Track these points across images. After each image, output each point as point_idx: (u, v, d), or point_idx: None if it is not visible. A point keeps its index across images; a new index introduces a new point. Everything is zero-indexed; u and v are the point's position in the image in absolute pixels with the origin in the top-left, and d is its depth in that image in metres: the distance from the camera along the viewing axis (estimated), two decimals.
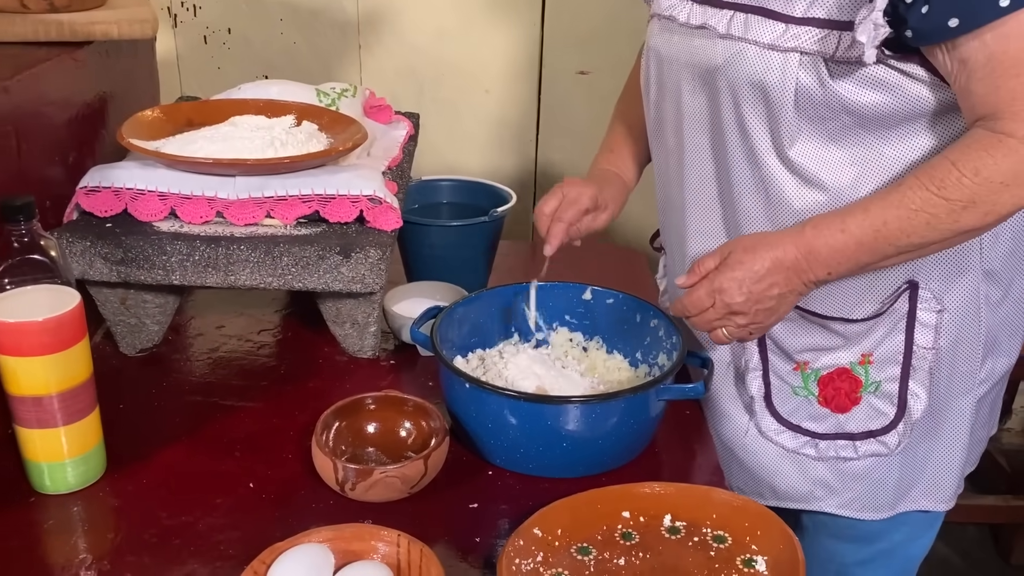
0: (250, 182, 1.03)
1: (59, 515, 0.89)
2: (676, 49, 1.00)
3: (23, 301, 0.86)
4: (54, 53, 1.09)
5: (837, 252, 0.88)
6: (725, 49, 0.93)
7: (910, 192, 0.85)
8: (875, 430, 1.03)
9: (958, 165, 0.83)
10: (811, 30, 0.87)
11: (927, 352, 0.99)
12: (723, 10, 0.95)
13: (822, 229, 0.89)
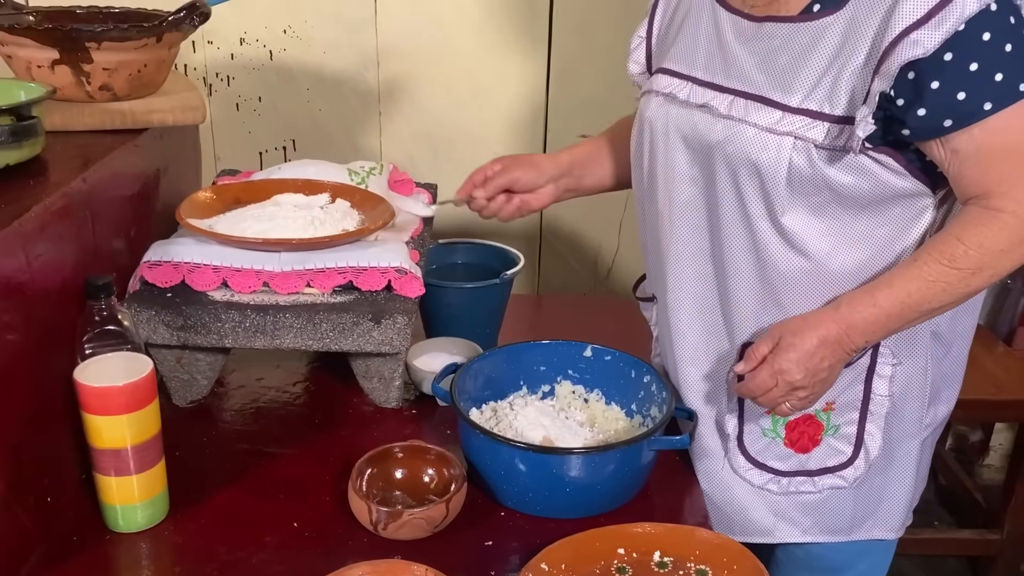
0: (293, 256, 1.18)
1: (131, 552, 1.02)
2: (675, 122, 1.12)
3: (104, 367, 1.00)
4: (119, 141, 1.23)
5: (871, 323, 1.01)
6: (725, 128, 1.06)
7: (926, 267, 0.99)
8: (832, 467, 1.15)
9: (963, 240, 0.97)
10: (804, 119, 1.00)
11: (883, 399, 1.12)
12: (724, 94, 1.07)
13: (855, 305, 1.01)
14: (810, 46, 1.01)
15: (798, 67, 1.01)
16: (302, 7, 1.85)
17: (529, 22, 1.88)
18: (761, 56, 1.04)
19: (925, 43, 0.92)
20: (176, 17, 1.30)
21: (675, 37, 1.17)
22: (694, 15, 1.14)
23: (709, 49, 1.10)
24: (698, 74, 1.11)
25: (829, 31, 0.99)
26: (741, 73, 1.06)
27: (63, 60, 1.25)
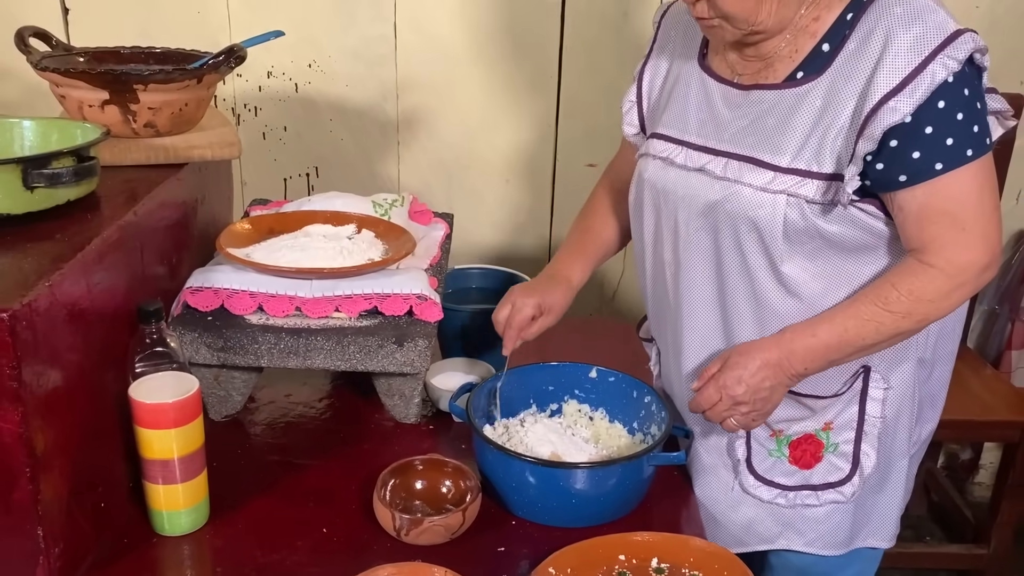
0: (323, 284, 1.28)
1: (176, 554, 1.12)
2: (673, 184, 1.20)
3: (154, 385, 1.10)
4: (163, 175, 1.33)
5: (811, 352, 1.12)
6: (723, 188, 1.14)
7: (863, 307, 1.10)
8: (833, 482, 1.24)
9: (897, 287, 1.08)
10: (795, 178, 1.09)
11: (876, 420, 1.22)
12: (718, 157, 1.16)
13: (798, 335, 1.12)
14: (794, 109, 1.10)
15: (785, 129, 1.10)
16: (326, 43, 1.97)
17: (540, 61, 1.99)
18: (750, 120, 1.14)
19: (901, 110, 1.02)
20: (216, 60, 1.41)
21: (666, 103, 1.26)
22: (683, 84, 1.23)
23: (700, 116, 1.20)
24: (692, 139, 1.20)
25: (811, 95, 1.09)
26: (732, 136, 1.15)
27: (112, 100, 1.35)
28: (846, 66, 1.07)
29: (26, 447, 0.94)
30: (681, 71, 1.25)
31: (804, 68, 1.11)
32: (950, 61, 1.01)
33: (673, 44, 1.28)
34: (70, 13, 1.97)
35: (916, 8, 1.04)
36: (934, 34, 1.02)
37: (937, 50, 1.01)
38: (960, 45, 1.01)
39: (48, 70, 1.36)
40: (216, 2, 1.94)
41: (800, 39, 1.11)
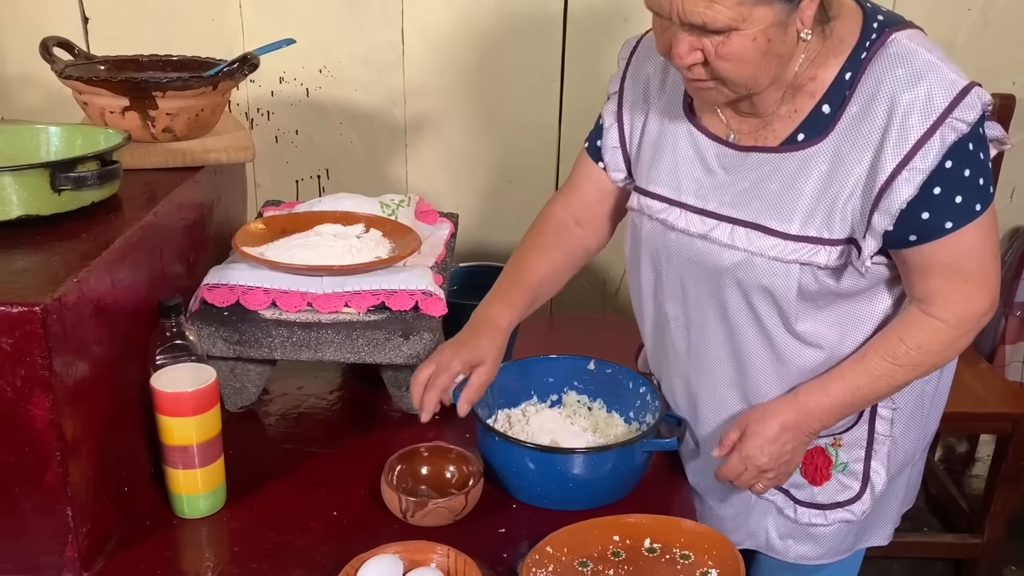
0: (333, 280, 1.35)
1: (195, 535, 1.18)
2: (676, 248, 1.18)
3: (175, 376, 1.16)
4: (180, 178, 1.39)
5: (826, 411, 1.14)
6: (732, 256, 1.12)
7: (872, 363, 1.11)
8: (842, 501, 1.25)
9: (905, 341, 1.10)
10: (807, 245, 1.09)
11: (885, 439, 1.23)
12: (723, 223, 1.13)
13: (812, 395, 1.14)
14: (799, 174, 1.08)
15: (791, 194, 1.09)
16: (336, 50, 2.03)
17: (543, 65, 2.04)
18: (751, 183, 1.11)
19: (915, 180, 1.01)
20: (231, 68, 1.47)
21: (653, 157, 1.21)
22: (670, 137, 1.19)
23: (694, 174, 1.16)
24: (689, 200, 1.16)
25: (816, 160, 1.07)
26: (734, 200, 1.12)
27: (132, 107, 1.42)
28: (851, 131, 1.05)
29: (56, 432, 1.01)
30: (665, 122, 1.20)
31: (805, 130, 1.08)
32: (960, 124, 1.00)
33: (649, 87, 1.23)
34: (90, 22, 2.04)
35: (918, 68, 1.01)
36: (941, 96, 1.00)
37: (946, 112, 0.99)
38: (969, 107, 1.00)
39: (72, 78, 1.43)
40: (230, 10, 2.01)
41: (799, 99, 1.09)
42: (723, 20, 0.97)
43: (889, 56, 1.03)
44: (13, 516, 1.04)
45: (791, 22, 1.01)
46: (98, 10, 2.03)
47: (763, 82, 1.05)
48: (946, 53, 1.06)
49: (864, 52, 1.05)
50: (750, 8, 0.97)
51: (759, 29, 0.99)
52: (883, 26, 1.06)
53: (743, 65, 1.02)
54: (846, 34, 1.06)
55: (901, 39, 1.04)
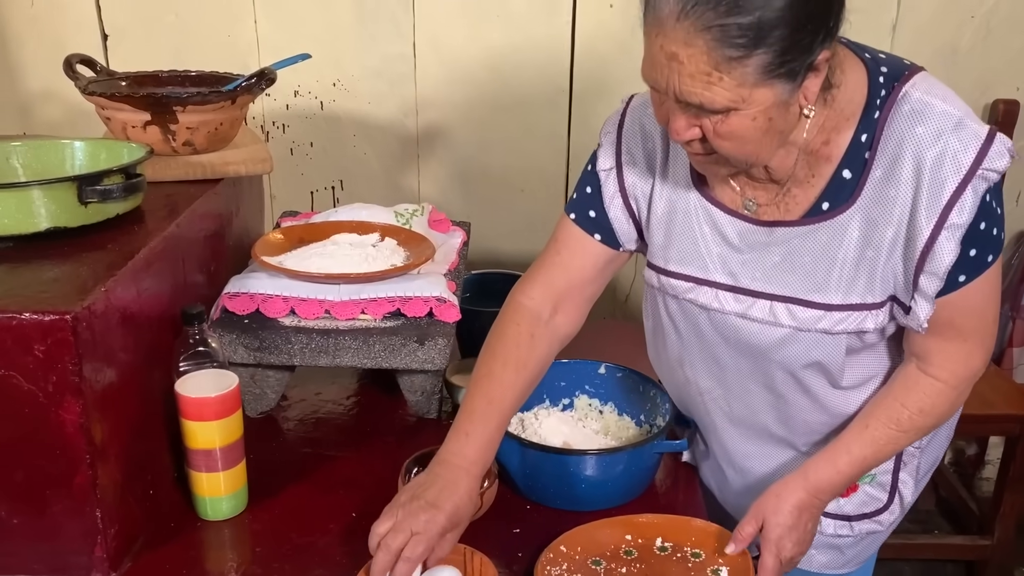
0: (350, 288, 1.38)
1: (218, 536, 1.21)
2: (707, 326, 1.14)
3: (198, 381, 1.20)
4: (201, 190, 1.43)
5: (835, 485, 1.12)
6: (775, 332, 1.09)
7: (877, 432, 1.11)
8: (869, 512, 1.25)
9: (907, 406, 1.10)
10: (852, 314, 1.06)
11: (915, 451, 1.23)
12: (760, 300, 1.09)
13: (821, 473, 1.11)
14: (830, 244, 1.05)
15: (825, 265, 1.05)
16: (349, 63, 2.08)
17: (552, 77, 2.08)
18: (781, 257, 1.08)
19: (955, 236, 0.99)
20: (248, 83, 1.51)
21: (667, 234, 1.15)
22: (682, 214, 1.14)
23: (718, 250, 1.12)
24: (719, 279, 1.12)
25: (847, 228, 1.04)
26: (767, 276, 1.09)
27: (154, 121, 1.46)
28: (879, 195, 1.02)
29: (86, 436, 1.04)
30: (674, 197, 1.14)
31: (829, 198, 1.05)
32: (991, 174, 0.98)
33: (651, 158, 1.16)
34: (109, 39, 2.09)
35: (938, 123, 0.99)
36: (966, 149, 0.97)
37: (975, 165, 0.97)
38: (997, 156, 0.98)
39: (95, 94, 1.47)
40: (245, 26, 2.06)
41: (815, 164, 1.05)
42: (721, 102, 0.93)
43: (905, 115, 1.00)
44: (45, 517, 1.08)
45: (793, 100, 0.96)
46: (117, 27, 2.08)
47: (765, 158, 1.02)
48: (955, 95, 1.03)
49: (877, 112, 1.01)
50: (750, 90, 0.92)
51: (759, 109, 0.94)
52: (889, 79, 1.02)
53: (743, 144, 0.98)
54: (854, 93, 1.02)
55: (913, 93, 1.01)
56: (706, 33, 0.89)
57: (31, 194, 1.16)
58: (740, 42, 0.89)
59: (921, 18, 2.05)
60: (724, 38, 0.89)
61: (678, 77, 0.93)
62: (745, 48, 0.89)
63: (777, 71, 0.92)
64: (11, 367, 1.01)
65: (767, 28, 0.89)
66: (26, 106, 2.16)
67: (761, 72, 0.91)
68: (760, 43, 0.89)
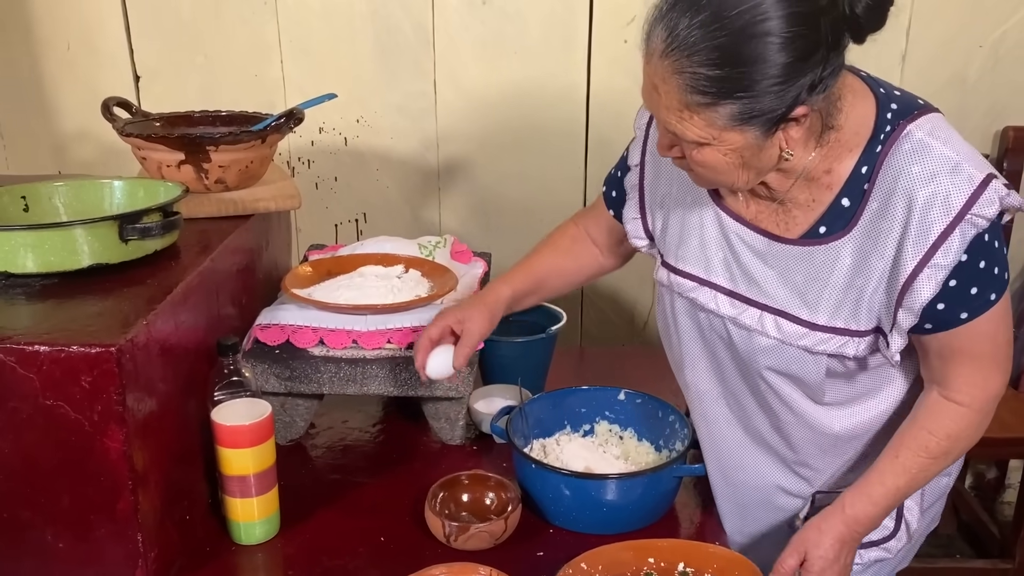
0: (377, 319, 1.43)
1: (252, 560, 1.26)
2: (706, 325, 1.21)
3: (232, 410, 1.24)
4: (233, 225, 1.49)
5: (872, 517, 1.15)
6: (762, 341, 1.14)
7: (908, 461, 1.13)
8: (877, 540, 1.26)
9: (934, 433, 1.12)
10: (835, 337, 1.10)
11: None
12: (751, 307, 1.14)
13: (857, 506, 1.14)
14: (824, 267, 1.09)
15: (816, 286, 1.10)
16: (372, 100, 2.14)
17: (569, 110, 2.14)
18: (777, 271, 1.13)
19: (936, 278, 1.02)
20: (278, 122, 1.58)
21: (679, 234, 1.22)
22: (695, 216, 1.19)
23: (722, 255, 1.17)
24: (719, 281, 1.18)
25: (840, 253, 1.08)
26: (761, 287, 1.14)
27: (188, 160, 1.52)
28: (872, 226, 1.05)
29: (128, 464, 1.09)
30: (690, 200, 1.21)
31: (826, 223, 1.08)
32: (979, 220, 1.00)
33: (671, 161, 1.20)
34: (141, 80, 2.17)
35: (934, 165, 1.01)
36: (959, 193, 0.99)
37: (965, 209, 0.99)
38: (988, 203, 0.99)
39: (131, 135, 1.54)
40: (272, 66, 2.13)
41: (815, 189, 1.09)
42: (692, 136, 0.99)
43: (904, 152, 1.03)
44: (89, 542, 1.12)
45: (769, 144, 1.01)
46: (149, 68, 2.16)
47: (741, 185, 1.06)
48: (963, 140, 1.05)
49: (880, 146, 1.04)
50: (719, 131, 0.98)
51: (730, 148, 1.00)
52: (897, 116, 1.04)
53: (716, 172, 1.04)
54: (860, 125, 1.05)
55: (915, 133, 1.03)
56: (679, 76, 0.96)
57: (75, 233, 1.21)
58: (708, 90, 0.95)
59: (930, 48, 2.09)
60: (694, 84, 0.95)
61: (658, 106, 1.01)
62: (713, 97, 0.95)
63: (747, 121, 0.97)
64: (59, 397, 1.06)
65: (736, 84, 0.94)
66: (61, 146, 2.24)
67: (729, 119, 0.97)
68: (727, 96, 0.95)
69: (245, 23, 2.10)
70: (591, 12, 2.06)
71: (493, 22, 2.08)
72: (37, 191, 1.40)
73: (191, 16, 2.11)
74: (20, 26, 2.14)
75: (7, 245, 1.19)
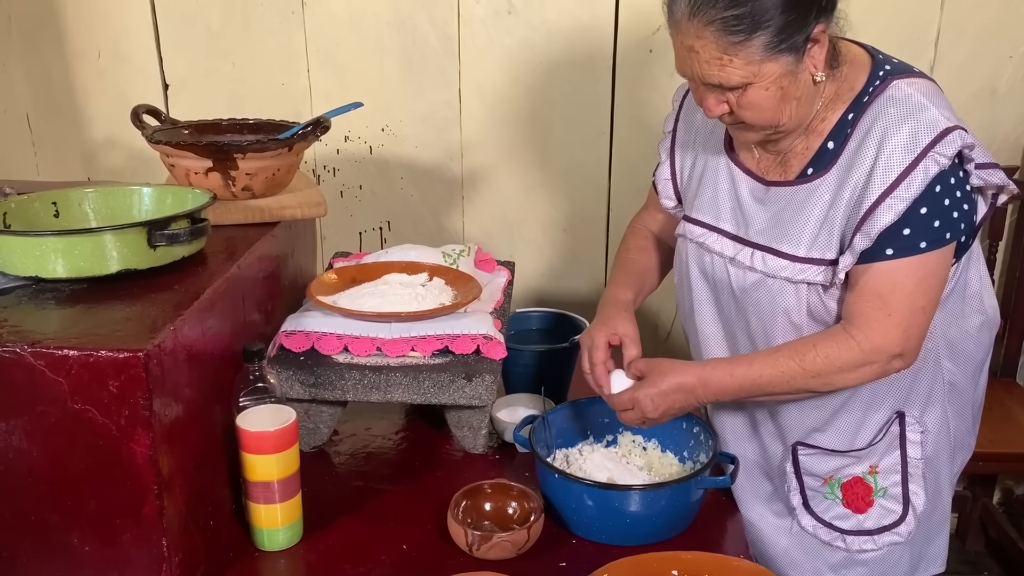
0: (401, 326, 1.43)
1: (275, 567, 1.26)
2: (710, 269, 1.32)
3: (257, 416, 1.25)
4: (259, 233, 1.49)
5: (723, 387, 1.23)
6: (751, 277, 1.26)
7: (780, 359, 1.20)
8: (887, 525, 1.32)
9: (817, 347, 1.19)
10: (811, 267, 1.21)
11: (918, 461, 1.30)
12: (746, 247, 1.27)
13: (717, 370, 1.23)
14: (805, 204, 1.21)
15: (799, 222, 1.21)
16: (397, 110, 2.15)
17: (593, 120, 2.14)
18: (772, 214, 1.25)
19: (896, 208, 1.12)
20: (304, 131, 1.59)
21: (697, 188, 1.36)
22: (711, 171, 1.34)
23: (730, 204, 1.30)
24: (726, 227, 1.30)
25: (820, 191, 1.20)
26: (758, 229, 1.26)
27: (215, 168, 1.53)
28: (849, 163, 1.17)
29: (154, 468, 1.10)
30: (709, 158, 1.35)
31: (813, 165, 1.21)
32: (941, 158, 1.11)
33: (698, 127, 1.38)
34: (169, 88, 2.19)
35: (908, 108, 1.14)
36: (926, 132, 1.11)
37: (928, 147, 1.11)
38: (949, 143, 1.11)
39: (160, 143, 1.55)
40: (298, 75, 2.15)
41: (810, 138, 1.22)
42: (736, 79, 1.12)
43: (885, 99, 1.16)
44: (114, 546, 1.13)
45: (800, 69, 1.14)
46: (177, 77, 2.18)
47: (786, 122, 1.17)
48: (946, 102, 1.16)
49: (866, 96, 1.17)
50: (758, 66, 1.11)
51: (770, 80, 1.12)
52: (888, 74, 1.17)
53: (762, 111, 1.15)
54: (854, 82, 1.19)
55: (901, 85, 1.16)
56: (711, 26, 1.09)
57: (104, 239, 1.23)
58: (740, 29, 1.08)
59: (959, 59, 2.07)
60: (726, 28, 1.09)
61: (697, 65, 1.13)
62: (745, 33, 1.09)
63: (779, 47, 1.10)
64: (87, 401, 1.07)
65: (760, 14, 1.08)
66: (91, 153, 2.27)
67: (764, 50, 1.10)
68: (757, 28, 1.09)
69: (273, 33, 2.12)
70: (616, 22, 2.07)
71: (519, 32, 2.08)
72: (68, 197, 1.42)
73: (220, 26, 2.13)
74: (53, 36, 2.17)
75: (38, 250, 1.20)
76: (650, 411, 1.27)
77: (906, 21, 2.03)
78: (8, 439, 1.09)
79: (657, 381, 1.26)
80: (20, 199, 1.38)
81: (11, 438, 1.09)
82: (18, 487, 1.11)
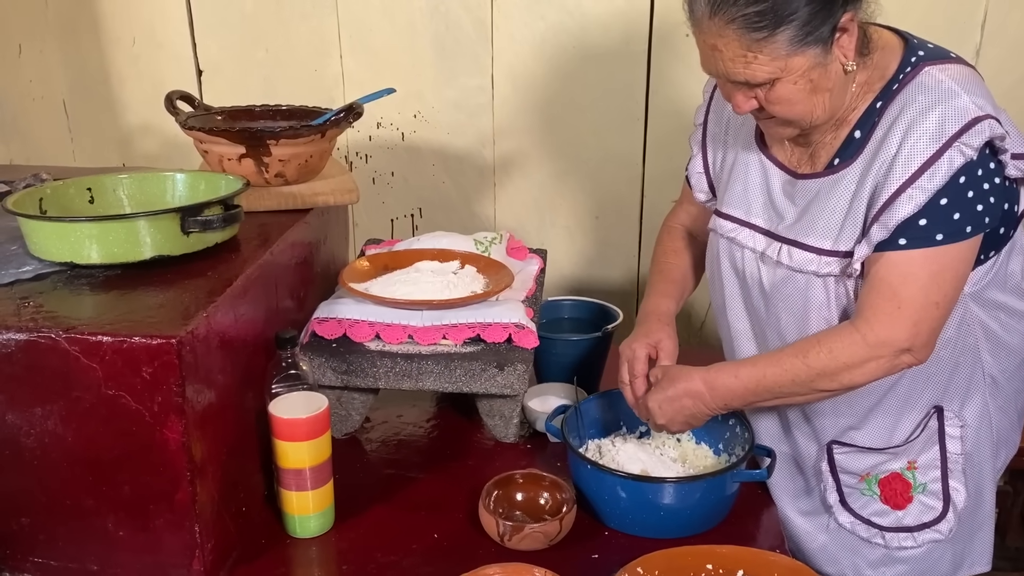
0: (432, 314, 1.43)
1: (306, 554, 1.26)
2: (740, 264, 1.30)
3: (290, 403, 1.25)
4: (292, 219, 1.50)
5: (730, 391, 1.21)
6: (779, 272, 1.23)
7: (785, 358, 1.17)
8: (928, 522, 1.29)
9: (822, 343, 1.15)
10: (837, 260, 1.17)
11: (958, 456, 1.27)
12: (775, 242, 1.23)
13: (722, 373, 1.22)
14: (831, 194, 1.18)
15: (825, 213, 1.18)
16: (429, 96, 2.14)
17: (627, 103, 2.10)
18: (801, 207, 1.22)
19: (916, 199, 1.08)
20: (337, 117, 1.58)
21: (728, 182, 1.33)
22: (742, 164, 1.31)
23: (762, 199, 1.27)
24: (757, 222, 1.27)
25: (845, 180, 1.16)
26: (787, 224, 1.23)
27: (248, 154, 1.53)
28: (874, 152, 1.13)
29: (187, 455, 1.10)
30: (740, 151, 1.32)
31: (840, 155, 1.18)
32: (967, 148, 1.06)
33: (728, 119, 1.35)
34: (203, 74, 2.20)
35: (938, 95, 1.08)
36: (954, 120, 1.06)
37: (954, 137, 1.06)
38: (977, 133, 1.06)
39: (193, 129, 1.55)
40: (331, 61, 2.14)
41: (840, 128, 1.18)
42: (762, 75, 1.08)
43: (915, 85, 1.11)
44: (148, 532, 1.14)
45: (830, 60, 1.09)
46: (211, 63, 2.19)
47: (819, 114, 1.13)
48: (981, 89, 1.10)
49: (896, 83, 1.13)
50: (784, 60, 1.07)
51: (799, 74, 1.08)
52: (921, 60, 1.13)
53: (792, 105, 1.12)
54: (886, 68, 1.15)
55: (932, 71, 1.11)
56: (733, 24, 1.05)
57: (138, 225, 1.23)
58: (762, 25, 1.04)
59: (1008, 42, 2.01)
60: (748, 25, 1.05)
61: (722, 63, 1.10)
62: (768, 29, 1.04)
63: (805, 40, 1.06)
64: (121, 387, 1.07)
65: (783, 8, 1.04)
66: (125, 139, 2.28)
67: (790, 44, 1.06)
68: (781, 22, 1.04)
69: (306, 19, 2.12)
70: (652, 7, 2.03)
71: (553, 17, 2.05)
72: (102, 183, 1.42)
73: (253, 12, 2.13)
74: (89, 23, 2.18)
75: (73, 236, 1.21)
76: (658, 416, 1.25)
77: (951, 2, 1.97)
78: (44, 424, 1.10)
79: (665, 387, 1.25)
80: (55, 185, 1.39)
81: (47, 423, 1.10)
82: (54, 472, 1.12)
